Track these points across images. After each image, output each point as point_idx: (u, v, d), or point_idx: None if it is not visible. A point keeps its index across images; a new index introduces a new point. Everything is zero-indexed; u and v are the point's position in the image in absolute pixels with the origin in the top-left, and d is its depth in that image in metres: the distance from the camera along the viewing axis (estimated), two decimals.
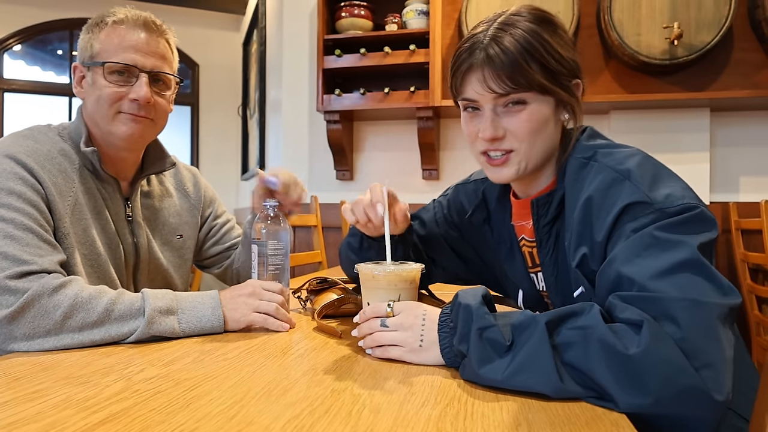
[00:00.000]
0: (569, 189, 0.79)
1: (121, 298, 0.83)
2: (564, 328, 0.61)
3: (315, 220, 2.28)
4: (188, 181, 1.24)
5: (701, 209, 0.66)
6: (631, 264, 0.64)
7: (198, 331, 0.86)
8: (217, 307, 0.88)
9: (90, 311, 0.80)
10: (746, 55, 2.46)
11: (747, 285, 2.31)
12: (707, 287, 0.60)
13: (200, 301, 0.89)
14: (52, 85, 4.98)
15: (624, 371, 0.55)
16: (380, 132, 3.02)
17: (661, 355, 0.55)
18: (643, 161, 0.73)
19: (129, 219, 1.07)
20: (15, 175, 0.87)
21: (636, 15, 2.37)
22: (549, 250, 0.84)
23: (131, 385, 0.62)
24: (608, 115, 2.66)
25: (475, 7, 2.59)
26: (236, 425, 0.51)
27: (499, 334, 0.63)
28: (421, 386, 0.64)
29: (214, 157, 5.13)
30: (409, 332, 0.72)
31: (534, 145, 0.80)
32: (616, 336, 0.57)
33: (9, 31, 4.70)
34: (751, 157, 2.56)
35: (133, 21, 0.99)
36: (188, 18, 4.93)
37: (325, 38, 2.72)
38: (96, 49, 0.98)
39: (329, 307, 1.02)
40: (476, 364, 0.63)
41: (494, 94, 0.77)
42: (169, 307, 0.85)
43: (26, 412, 0.53)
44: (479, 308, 0.66)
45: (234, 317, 0.89)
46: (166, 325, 0.83)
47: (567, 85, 0.80)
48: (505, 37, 0.76)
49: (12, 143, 0.93)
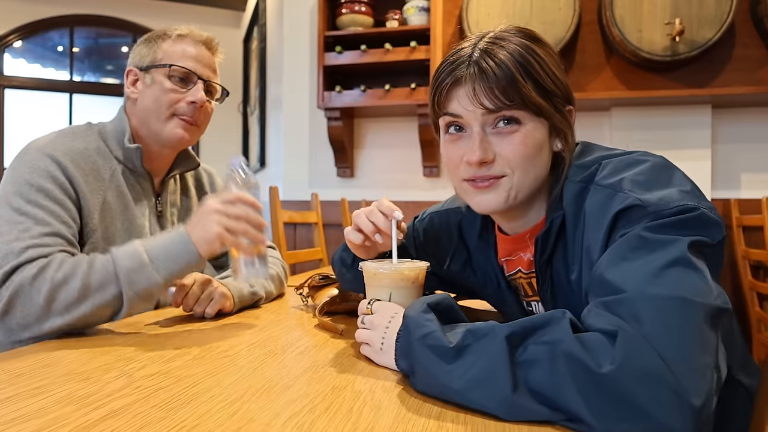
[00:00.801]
0: (570, 218, 0.70)
1: (93, 268, 0.85)
2: (530, 343, 0.54)
3: (316, 217, 2.28)
4: (206, 181, 1.31)
5: (701, 210, 0.59)
6: (616, 268, 0.57)
7: (178, 272, 0.88)
8: (188, 242, 0.88)
9: (69, 290, 0.82)
10: (748, 52, 2.45)
11: (748, 282, 2.30)
12: (696, 287, 0.53)
13: (170, 240, 0.89)
14: (52, 82, 4.98)
15: (596, 392, 0.48)
16: (381, 129, 3.02)
17: (638, 370, 0.47)
18: (643, 169, 0.66)
19: (159, 214, 1.15)
20: (47, 174, 0.94)
21: (637, 11, 2.37)
22: (548, 285, 0.77)
23: (133, 382, 0.62)
24: (609, 112, 2.66)
25: (475, 4, 2.58)
26: (237, 422, 0.51)
27: (442, 339, 0.57)
28: None
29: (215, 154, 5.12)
30: (374, 332, 0.71)
31: (528, 172, 0.71)
32: (586, 350, 0.50)
33: (9, 27, 4.69)
34: (753, 153, 2.55)
35: (196, 36, 1.12)
36: (189, 14, 4.92)
37: (325, 35, 2.72)
38: (159, 56, 1.08)
39: (330, 304, 1.02)
40: (426, 374, 0.58)
41: (484, 110, 0.69)
42: (141, 261, 0.86)
43: (28, 408, 0.54)
44: (418, 317, 0.62)
45: (202, 238, 0.88)
46: (145, 280, 0.85)
47: (561, 110, 0.72)
48: (498, 50, 0.69)
49: (52, 140, 1.00)
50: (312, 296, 1.11)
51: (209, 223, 0.87)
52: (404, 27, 2.67)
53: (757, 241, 2.34)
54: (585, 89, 2.57)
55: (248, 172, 0.95)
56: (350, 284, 0.98)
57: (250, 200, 0.91)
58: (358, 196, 2.99)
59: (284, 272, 1.28)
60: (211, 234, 0.87)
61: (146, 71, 1.09)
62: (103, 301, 0.84)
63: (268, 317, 1.02)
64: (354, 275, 0.91)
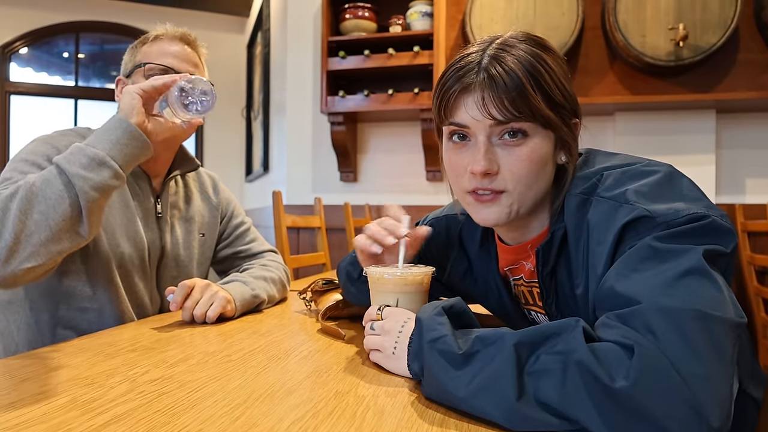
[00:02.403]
0: (572, 231, 0.69)
1: (37, 175, 0.82)
2: (543, 353, 0.52)
3: (319, 221, 2.28)
4: (209, 185, 1.31)
5: (712, 218, 0.57)
6: (627, 279, 0.55)
7: (117, 144, 0.86)
8: (117, 116, 0.88)
9: (18, 198, 0.79)
10: (752, 56, 2.45)
11: (753, 287, 2.29)
12: (713, 298, 0.51)
13: (105, 127, 0.88)
14: (58, 88, 5.01)
15: (610, 406, 0.46)
16: (384, 133, 3.02)
17: (655, 385, 0.46)
18: (648, 181, 0.64)
19: (159, 216, 1.14)
20: (46, 156, 0.96)
21: (641, 16, 2.37)
22: (553, 299, 0.75)
23: (136, 387, 0.62)
24: (613, 117, 2.66)
25: (479, 9, 2.59)
26: (240, 427, 0.51)
27: (452, 344, 0.57)
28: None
29: (218, 159, 5.14)
30: (386, 338, 0.70)
31: (530, 188, 0.69)
32: (599, 362, 0.48)
33: (15, 34, 4.73)
34: (758, 158, 2.55)
35: (171, 35, 1.13)
36: (192, 20, 4.94)
37: (329, 40, 2.73)
38: (138, 59, 1.11)
39: (333, 309, 1.02)
40: (434, 379, 0.58)
41: (492, 121, 0.66)
42: (76, 147, 0.84)
43: (32, 413, 0.54)
44: (431, 320, 0.61)
45: (127, 105, 0.88)
46: (85, 157, 0.83)
47: (568, 122, 0.70)
48: (508, 57, 0.66)
49: (52, 137, 1.02)
50: (315, 301, 1.11)
51: (127, 93, 0.90)
52: (407, 32, 2.68)
53: (762, 247, 2.33)
54: (589, 94, 2.57)
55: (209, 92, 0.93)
56: (354, 298, 0.97)
57: (168, 78, 0.92)
58: (362, 200, 2.99)
59: (286, 277, 1.28)
60: (131, 94, 0.89)
61: (128, 77, 1.11)
62: (54, 195, 0.80)
63: (271, 322, 1.02)
64: (358, 289, 0.91)
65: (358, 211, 2.94)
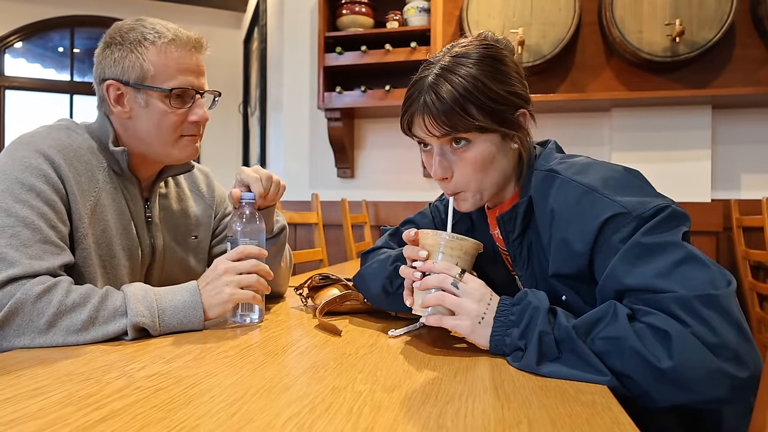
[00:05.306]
0: (537, 202, 0.81)
1: (104, 304, 0.82)
2: (596, 337, 0.66)
3: (316, 217, 2.28)
4: (202, 182, 1.23)
5: (672, 207, 0.70)
6: (632, 275, 0.67)
7: (175, 329, 0.87)
8: (198, 305, 0.88)
9: (74, 319, 0.79)
10: (748, 52, 2.45)
11: (748, 282, 2.30)
12: (710, 278, 0.64)
13: (181, 301, 0.87)
14: (53, 83, 4.98)
15: (658, 379, 0.61)
16: (381, 129, 3.02)
17: (692, 363, 0.60)
18: (606, 173, 0.77)
19: (148, 220, 1.07)
20: (39, 172, 0.87)
21: (638, 12, 2.37)
22: (524, 263, 0.86)
23: (132, 383, 0.62)
24: (609, 113, 2.66)
25: (476, 5, 2.59)
26: (237, 422, 0.51)
27: (553, 344, 0.68)
28: (422, 383, 0.64)
29: (215, 155, 5.12)
30: (476, 305, 0.73)
31: (483, 180, 0.83)
32: (645, 346, 0.62)
33: (10, 28, 4.69)
34: (753, 154, 2.55)
35: (185, 41, 0.98)
36: (189, 15, 4.92)
37: (326, 35, 2.72)
38: (148, 71, 0.95)
39: (331, 304, 1.02)
40: (533, 361, 0.68)
41: (434, 137, 0.80)
42: (149, 307, 0.84)
43: (28, 409, 0.54)
44: (546, 314, 0.70)
45: (214, 300, 0.89)
46: (146, 326, 0.83)
47: (510, 119, 0.81)
48: (442, 85, 0.78)
49: (45, 135, 0.93)
50: (312, 297, 1.11)
51: (220, 286, 0.89)
52: (404, 28, 2.67)
53: (757, 242, 2.34)
54: (585, 90, 2.57)
55: (257, 216, 0.97)
56: (385, 304, 0.97)
57: (256, 252, 0.93)
58: (359, 196, 2.99)
59: (290, 258, 1.26)
60: (223, 296, 0.89)
61: (137, 89, 0.96)
62: (104, 334, 0.81)
63: (268, 317, 1.02)
64: (392, 301, 0.93)
65: (355, 207, 2.94)
